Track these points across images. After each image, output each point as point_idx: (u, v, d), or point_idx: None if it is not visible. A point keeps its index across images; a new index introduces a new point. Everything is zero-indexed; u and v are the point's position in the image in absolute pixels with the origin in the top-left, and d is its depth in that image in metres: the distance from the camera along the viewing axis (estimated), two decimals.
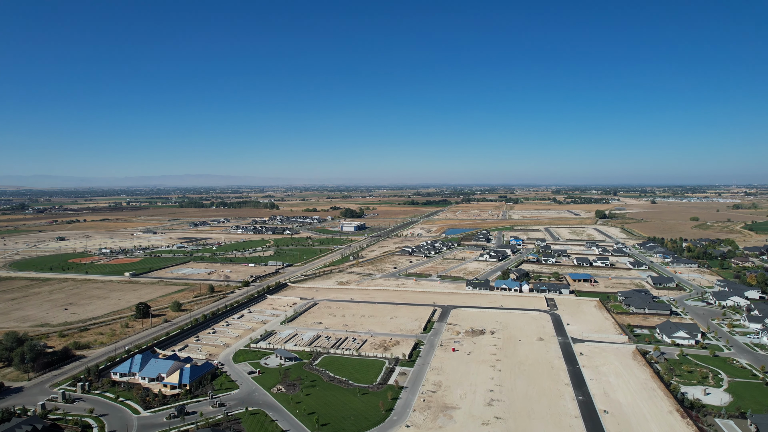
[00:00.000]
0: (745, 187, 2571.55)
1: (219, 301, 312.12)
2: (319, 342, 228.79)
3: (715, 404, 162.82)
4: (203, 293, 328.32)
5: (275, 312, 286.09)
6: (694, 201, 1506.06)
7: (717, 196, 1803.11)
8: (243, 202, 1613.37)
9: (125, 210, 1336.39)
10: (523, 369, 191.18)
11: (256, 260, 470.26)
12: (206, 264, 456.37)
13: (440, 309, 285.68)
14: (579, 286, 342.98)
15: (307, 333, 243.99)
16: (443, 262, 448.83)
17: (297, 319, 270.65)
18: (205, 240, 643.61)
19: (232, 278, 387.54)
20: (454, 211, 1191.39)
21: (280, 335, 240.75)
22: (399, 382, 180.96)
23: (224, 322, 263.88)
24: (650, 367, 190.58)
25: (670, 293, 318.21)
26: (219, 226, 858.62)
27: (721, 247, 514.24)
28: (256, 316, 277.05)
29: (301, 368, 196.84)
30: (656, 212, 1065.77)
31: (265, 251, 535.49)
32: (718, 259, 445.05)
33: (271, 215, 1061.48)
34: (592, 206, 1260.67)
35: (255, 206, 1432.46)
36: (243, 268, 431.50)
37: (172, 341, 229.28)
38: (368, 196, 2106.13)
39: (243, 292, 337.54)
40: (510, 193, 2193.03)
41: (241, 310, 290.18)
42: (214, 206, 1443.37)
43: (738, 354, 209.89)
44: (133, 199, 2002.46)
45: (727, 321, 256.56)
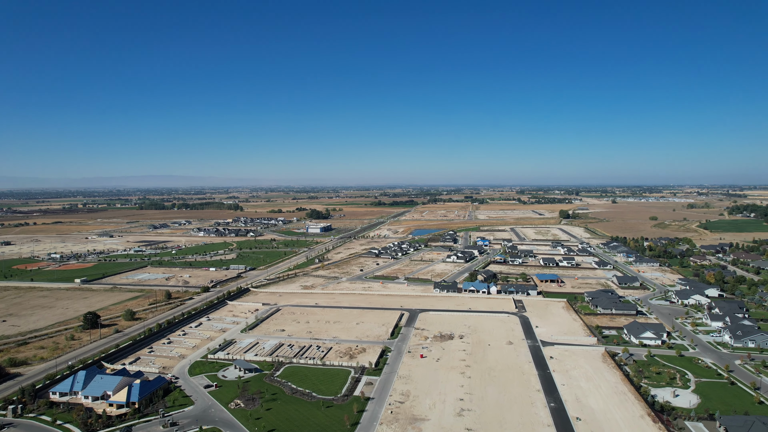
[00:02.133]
0: (697, 188, 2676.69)
1: (176, 308, 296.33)
2: (282, 351, 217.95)
3: (685, 406, 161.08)
4: (159, 300, 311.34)
5: (236, 319, 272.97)
6: (651, 201, 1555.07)
7: (672, 195, 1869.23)
8: (206, 203, 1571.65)
9: (80, 212, 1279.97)
10: (494, 375, 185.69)
11: (218, 264, 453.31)
12: (164, 269, 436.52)
13: (408, 313, 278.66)
14: (546, 286, 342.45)
15: (269, 341, 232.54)
16: (410, 264, 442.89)
17: (259, 326, 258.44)
18: (165, 243, 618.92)
19: (191, 283, 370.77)
20: (421, 211, 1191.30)
21: (240, 344, 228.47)
22: (365, 392, 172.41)
23: (181, 331, 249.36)
24: (620, 369, 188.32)
25: (635, 293, 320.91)
26: (180, 228, 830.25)
27: (679, 245, 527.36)
28: (216, 324, 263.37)
29: (261, 380, 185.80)
30: (617, 212, 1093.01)
31: (227, 254, 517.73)
32: (678, 257, 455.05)
33: (234, 217, 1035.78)
34: (556, 206, 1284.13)
35: (218, 208, 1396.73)
36: (203, 273, 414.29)
37: (123, 354, 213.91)
38: (335, 197, 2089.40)
39: (202, 298, 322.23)
40: (476, 194, 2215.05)
41: (199, 317, 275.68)
42: (175, 208, 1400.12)
43: (702, 353, 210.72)
44: (90, 201, 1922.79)
45: (691, 320, 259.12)
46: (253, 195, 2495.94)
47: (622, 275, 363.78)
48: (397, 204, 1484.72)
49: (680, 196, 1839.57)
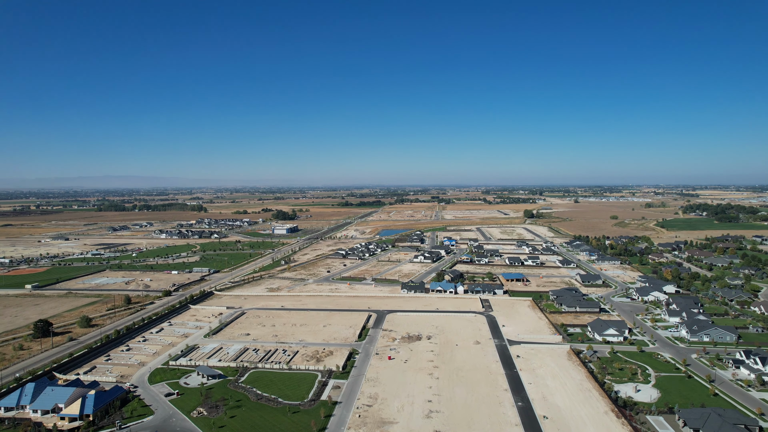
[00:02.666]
0: (654, 187, 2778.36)
1: (136, 313, 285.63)
2: (247, 356, 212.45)
3: (646, 401, 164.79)
4: (118, 305, 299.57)
5: (199, 324, 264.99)
6: (612, 200, 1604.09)
7: (631, 195, 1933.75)
8: (168, 204, 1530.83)
9: (33, 214, 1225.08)
10: (462, 376, 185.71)
11: (180, 267, 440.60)
12: (124, 272, 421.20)
13: (375, 314, 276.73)
14: (512, 285, 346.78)
15: (233, 346, 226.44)
16: (378, 265, 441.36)
17: (223, 330, 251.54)
18: (125, 246, 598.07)
19: (152, 287, 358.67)
20: (388, 212, 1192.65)
21: (203, 350, 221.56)
22: (333, 396, 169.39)
23: (141, 338, 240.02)
24: (584, 366, 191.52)
25: (597, 290, 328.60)
26: (141, 230, 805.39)
27: (638, 244, 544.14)
28: (178, 329, 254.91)
29: (225, 386, 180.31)
30: (579, 211, 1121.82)
31: (190, 257, 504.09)
32: (637, 255, 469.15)
33: (198, 218, 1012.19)
34: (521, 206, 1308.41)
35: (181, 209, 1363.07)
36: (165, 276, 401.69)
37: (77, 363, 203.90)
38: (301, 198, 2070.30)
39: (163, 302, 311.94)
40: (442, 194, 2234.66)
41: (160, 322, 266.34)
42: (136, 209, 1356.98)
43: (662, 348, 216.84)
44: (45, 202, 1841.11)
45: (650, 316, 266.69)
46: (217, 196, 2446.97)
47: (585, 273, 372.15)
48: (365, 204, 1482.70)
49: (638, 195, 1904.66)
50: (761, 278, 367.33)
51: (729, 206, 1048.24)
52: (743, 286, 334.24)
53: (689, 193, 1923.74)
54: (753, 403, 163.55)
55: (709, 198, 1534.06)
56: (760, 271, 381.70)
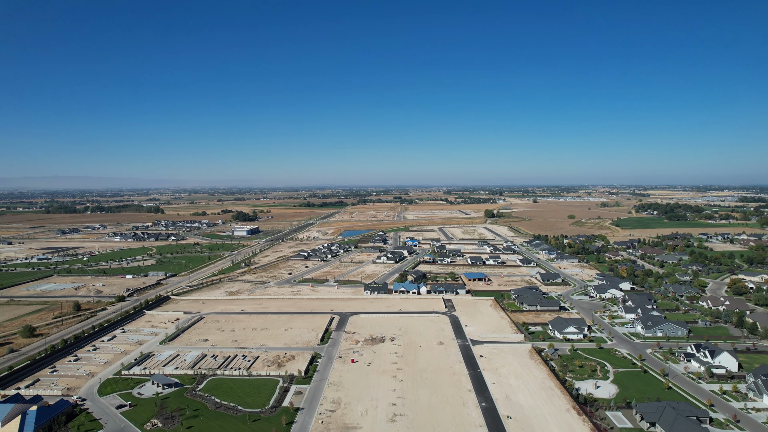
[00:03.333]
0: (608, 187, 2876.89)
1: (86, 320, 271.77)
2: (205, 362, 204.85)
3: (605, 397, 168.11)
4: (67, 313, 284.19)
5: (154, 330, 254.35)
6: (569, 200, 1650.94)
7: (587, 195, 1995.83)
8: (124, 206, 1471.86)
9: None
10: (425, 377, 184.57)
11: (135, 271, 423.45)
12: (74, 277, 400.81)
13: (338, 316, 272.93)
14: (474, 285, 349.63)
15: (190, 353, 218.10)
16: (340, 266, 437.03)
17: (179, 336, 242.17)
18: (75, 249, 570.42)
19: (104, 293, 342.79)
20: (351, 212, 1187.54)
21: (158, 357, 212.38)
22: (294, 403, 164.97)
23: (91, 346, 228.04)
24: (546, 365, 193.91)
25: (557, 289, 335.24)
26: (93, 233, 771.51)
27: (595, 242, 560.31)
28: (131, 337, 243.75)
29: (182, 395, 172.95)
30: (538, 211, 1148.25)
31: (146, 260, 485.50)
32: (594, 253, 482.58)
33: (155, 220, 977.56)
34: (481, 206, 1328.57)
35: (137, 210, 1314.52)
36: (119, 281, 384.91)
37: (18, 377, 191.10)
38: (263, 199, 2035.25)
39: (116, 308, 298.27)
40: (404, 194, 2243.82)
41: (112, 330, 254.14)
42: (89, 211, 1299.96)
43: (619, 344, 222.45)
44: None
45: (608, 313, 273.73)
46: (175, 197, 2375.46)
47: (545, 272, 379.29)
48: (327, 205, 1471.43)
49: (594, 195, 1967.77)
50: (707, 274, 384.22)
51: (677, 205, 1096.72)
52: (692, 281, 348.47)
53: (641, 193, 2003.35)
54: (703, 395, 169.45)
55: (659, 198, 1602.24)
56: (706, 267, 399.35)
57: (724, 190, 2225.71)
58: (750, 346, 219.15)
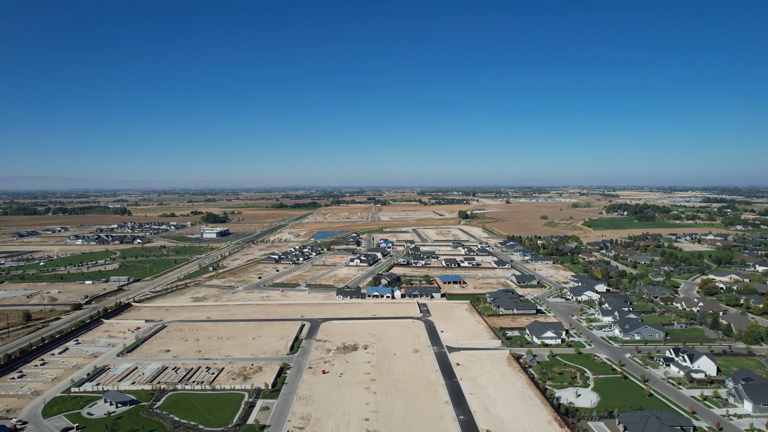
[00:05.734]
0: (578, 188, 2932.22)
1: (36, 332, 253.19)
2: (165, 376, 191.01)
3: (587, 406, 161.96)
4: (14, 323, 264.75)
5: (112, 341, 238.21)
6: (541, 201, 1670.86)
7: (558, 196, 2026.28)
8: (89, 207, 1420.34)
9: None
10: (400, 389, 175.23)
11: (96, 276, 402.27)
12: (27, 284, 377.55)
13: (309, 323, 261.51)
14: (449, 288, 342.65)
15: (150, 365, 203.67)
16: (312, 269, 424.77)
17: (139, 347, 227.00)
18: (32, 254, 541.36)
19: (60, 300, 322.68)
20: (324, 213, 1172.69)
21: (114, 371, 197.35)
22: (260, 420, 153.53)
23: (39, 361, 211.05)
24: (525, 372, 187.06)
25: (533, 291, 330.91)
26: (53, 236, 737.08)
27: (569, 243, 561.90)
28: (86, 349, 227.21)
29: (137, 414, 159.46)
30: (511, 211, 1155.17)
31: (108, 264, 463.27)
32: (568, 254, 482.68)
33: (120, 222, 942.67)
34: (455, 207, 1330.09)
35: (103, 212, 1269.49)
36: (76, 287, 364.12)
37: None
38: (234, 200, 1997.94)
39: (72, 317, 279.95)
40: (378, 195, 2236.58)
41: (65, 341, 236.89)
42: (50, 213, 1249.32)
43: (598, 349, 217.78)
44: None
45: (585, 316, 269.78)
46: (144, 198, 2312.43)
47: (520, 274, 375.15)
48: (300, 206, 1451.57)
49: (565, 196, 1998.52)
50: (679, 275, 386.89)
51: (646, 206, 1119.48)
52: (665, 282, 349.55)
53: (610, 194, 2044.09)
54: (685, 402, 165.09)
55: (627, 198, 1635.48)
56: (677, 268, 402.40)
57: (689, 191, 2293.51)
58: (726, 349, 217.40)
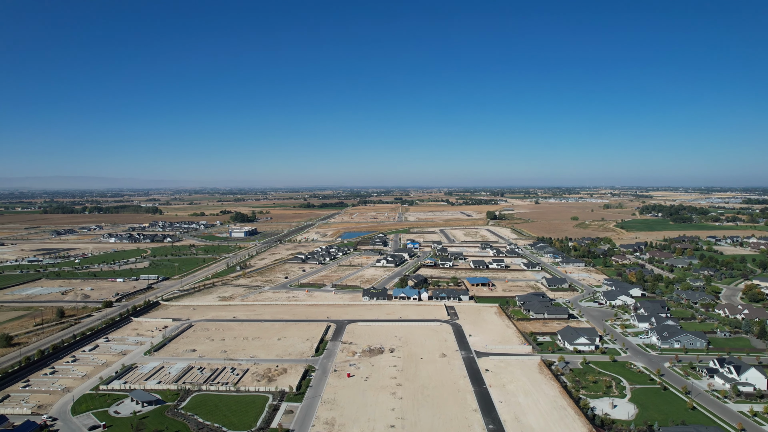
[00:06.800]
0: (609, 188, 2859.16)
1: (69, 328, 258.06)
2: (191, 376, 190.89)
3: (624, 418, 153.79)
4: (49, 319, 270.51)
5: (140, 339, 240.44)
6: (571, 201, 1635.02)
7: (589, 196, 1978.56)
8: (122, 206, 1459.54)
9: None
10: (427, 394, 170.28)
11: (127, 274, 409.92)
12: (62, 281, 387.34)
13: (335, 324, 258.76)
14: (477, 290, 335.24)
15: (176, 365, 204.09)
16: (339, 270, 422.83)
17: (166, 346, 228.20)
18: (68, 251, 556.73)
19: (92, 298, 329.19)
20: (351, 213, 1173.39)
21: (141, 370, 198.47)
22: (284, 424, 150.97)
23: (70, 357, 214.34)
24: (557, 380, 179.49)
25: (564, 294, 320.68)
26: (88, 234, 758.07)
27: (601, 245, 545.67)
28: (115, 346, 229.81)
29: (162, 414, 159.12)
30: (541, 212, 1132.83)
31: (139, 263, 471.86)
32: (601, 257, 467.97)
33: (152, 221, 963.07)
34: (483, 207, 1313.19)
35: (135, 211, 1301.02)
36: (108, 285, 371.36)
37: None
38: (263, 199, 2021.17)
39: (103, 315, 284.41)
40: (405, 195, 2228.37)
41: (95, 338, 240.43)
42: (86, 211, 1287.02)
43: (634, 357, 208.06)
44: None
45: (619, 322, 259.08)
46: (175, 197, 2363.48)
47: (551, 277, 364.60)
48: (327, 206, 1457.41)
49: (596, 196, 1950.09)
50: (720, 279, 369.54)
51: (682, 207, 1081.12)
52: (704, 287, 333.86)
53: (643, 194, 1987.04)
54: (733, 418, 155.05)
55: (662, 199, 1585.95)
56: (718, 272, 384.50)
57: (727, 192, 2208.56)
58: None
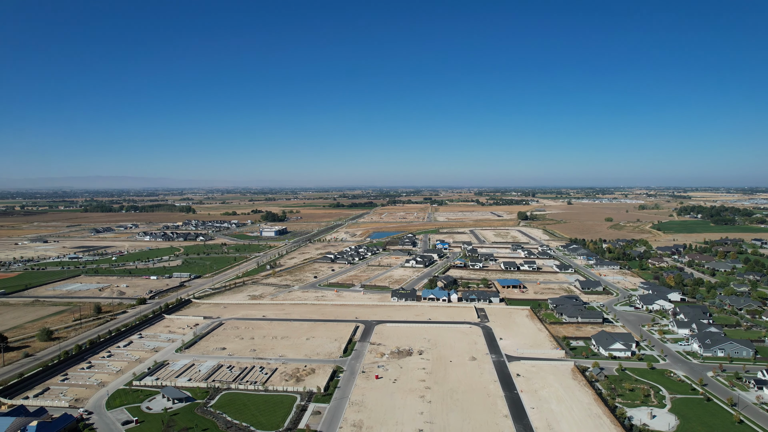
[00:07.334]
0: (645, 189, 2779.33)
1: (105, 324, 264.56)
2: (220, 374, 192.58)
3: (663, 430, 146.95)
4: (87, 315, 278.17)
5: (172, 336, 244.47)
6: (605, 202, 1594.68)
7: (623, 197, 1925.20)
8: (157, 205, 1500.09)
9: (16, 215, 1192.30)
10: (456, 398, 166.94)
11: (160, 272, 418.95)
12: (100, 277, 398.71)
13: (363, 325, 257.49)
14: (508, 293, 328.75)
15: (206, 362, 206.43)
16: (367, 270, 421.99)
17: (197, 344, 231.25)
18: (105, 249, 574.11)
19: (127, 294, 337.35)
20: (380, 213, 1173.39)
21: (172, 367, 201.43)
22: (311, 425, 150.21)
23: (106, 352, 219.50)
24: (592, 387, 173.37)
25: (598, 298, 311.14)
26: (125, 232, 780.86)
27: (636, 247, 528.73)
28: (148, 343, 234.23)
29: (192, 411, 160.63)
30: (573, 213, 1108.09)
31: (172, 261, 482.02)
32: (636, 259, 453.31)
33: (185, 219, 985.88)
34: (514, 207, 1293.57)
35: (169, 210, 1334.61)
36: (143, 282, 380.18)
37: (28, 384, 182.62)
38: (293, 199, 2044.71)
39: (137, 311, 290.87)
40: (435, 195, 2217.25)
41: (129, 335, 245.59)
42: (123, 210, 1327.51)
43: (673, 365, 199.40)
44: (31, 203, 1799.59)
45: (657, 327, 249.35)
46: (208, 197, 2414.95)
47: (584, 279, 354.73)
48: (356, 206, 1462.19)
49: (631, 197, 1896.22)
50: (767, 284, 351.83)
51: (723, 208, 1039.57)
52: (750, 293, 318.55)
53: (681, 195, 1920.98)
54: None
55: (701, 200, 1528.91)
56: (765, 277, 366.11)
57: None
58: None
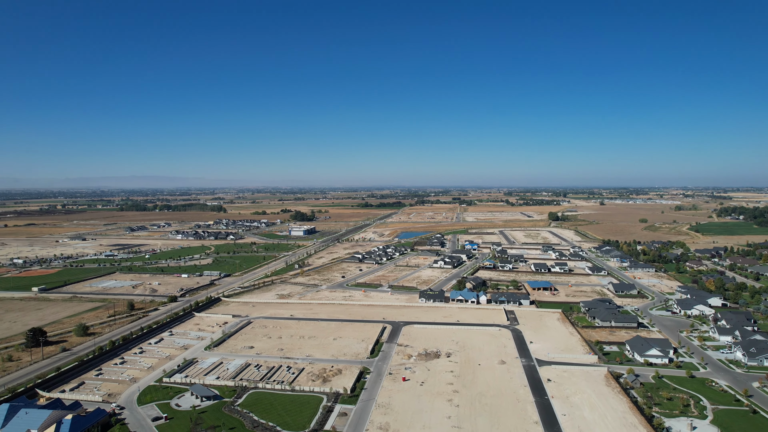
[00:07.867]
0: (681, 189, 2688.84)
1: (138, 321, 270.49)
2: (248, 373, 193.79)
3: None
4: (120, 312, 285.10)
5: (201, 334, 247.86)
6: (639, 202, 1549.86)
7: (659, 197, 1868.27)
8: (189, 204, 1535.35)
9: (58, 213, 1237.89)
10: (485, 403, 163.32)
11: (191, 270, 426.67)
12: (133, 275, 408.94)
13: (390, 326, 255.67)
14: (539, 295, 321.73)
15: (234, 361, 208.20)
16: (395, 270, 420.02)
17: (225, 342, 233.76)
18: (139, 247, 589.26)
19: (159, 292, 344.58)
20: (408, 213, 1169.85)
21: (201, 365, 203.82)
22: (337, 426, 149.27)
23: (138, 349, 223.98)
24: (626, 394, 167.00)
25: (633, 302, 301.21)
26: (158, 230, 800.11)
27: (673, 249, 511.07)
28: (178, 340, 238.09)
29: (220, 410, 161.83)
30: (606, 214, 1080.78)
31: (203, 259, 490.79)
32: (673, 262, 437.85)
33: (216, 219, 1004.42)
34: (544, 208, 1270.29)
35: (201, 209, 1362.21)
36: (174, 280, 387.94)
37: (64, 378, 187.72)
38: (322, 198, 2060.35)
39: (168, 309, 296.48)
40: (463, 195, 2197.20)
41: (161, 332, 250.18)
42: (157, 209, 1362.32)
43: (715, 373, 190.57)
44: (71, 202, 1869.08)
45: (696, 333, 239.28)
46: (238, 196, 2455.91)
47: (618, 282, 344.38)
48: (384, 206, 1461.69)
49: (666, 197, 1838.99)
50: None
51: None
52: None
53: (720, 195, 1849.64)
54: None
55: (743, 200, 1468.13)
56: None
57: None
58: None
